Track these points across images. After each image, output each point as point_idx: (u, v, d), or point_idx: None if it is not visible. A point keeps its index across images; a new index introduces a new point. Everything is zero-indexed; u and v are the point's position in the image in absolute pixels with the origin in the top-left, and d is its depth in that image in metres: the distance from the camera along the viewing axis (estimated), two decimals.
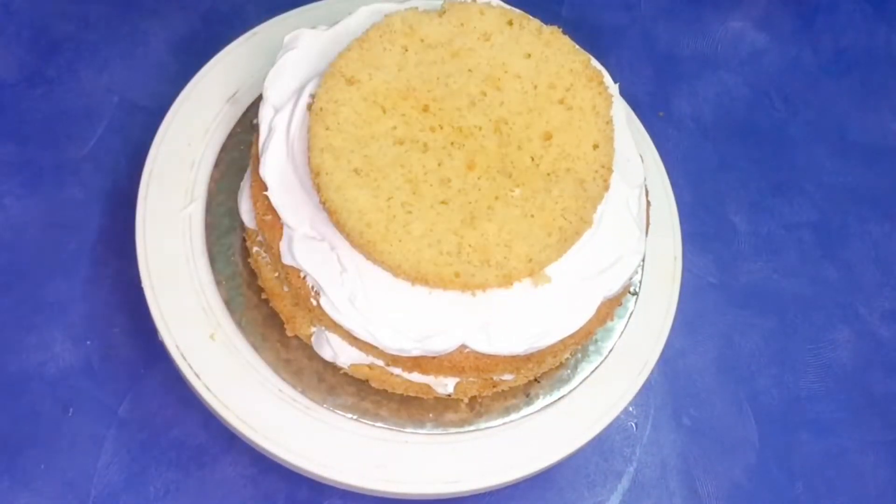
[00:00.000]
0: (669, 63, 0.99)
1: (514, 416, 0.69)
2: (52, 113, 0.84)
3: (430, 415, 0.68)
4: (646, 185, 0.71)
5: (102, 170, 0.82)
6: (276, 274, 0.67)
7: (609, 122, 0.66)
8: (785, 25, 1.04)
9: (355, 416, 0.67)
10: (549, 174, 0.63)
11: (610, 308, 0.68)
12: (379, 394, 0.68)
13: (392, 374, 0.67)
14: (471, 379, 0.67)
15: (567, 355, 0.71)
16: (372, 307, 0.61)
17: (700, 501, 0.79)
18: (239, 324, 0.69)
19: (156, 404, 0.74)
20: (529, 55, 0.67)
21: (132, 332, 0.76)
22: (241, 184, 0.71)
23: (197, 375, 0.66)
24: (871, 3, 1.07)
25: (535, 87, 0.66)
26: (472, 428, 0.68)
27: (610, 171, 0.64)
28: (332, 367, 0.68)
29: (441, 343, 0.61)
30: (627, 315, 0.73)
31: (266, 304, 0.69)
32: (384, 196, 0.60)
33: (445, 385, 0.67)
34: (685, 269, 0.76)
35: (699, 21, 1.03)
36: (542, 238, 0.61)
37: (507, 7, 0.70)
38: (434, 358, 0.63)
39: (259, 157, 0.65)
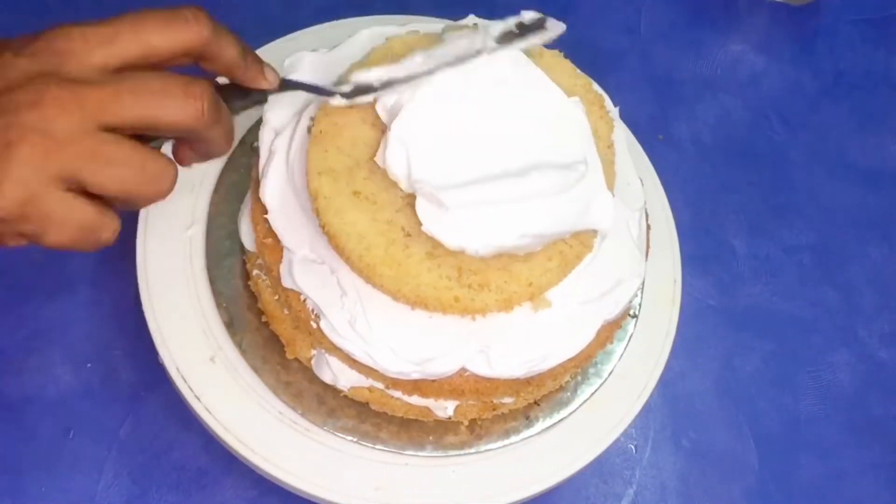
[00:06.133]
0: (669, 86, 1.00)
1: (513, 438, 0.69)
2: None
3: (430, 437, 0.68)
4: (646, 209, 0.72)
5: None
6: (277, 297, 0.67)
7: (610, 146, 0.66)
8: (784, 49, 1.04)
9: (355, 439, 0.67)
10: None
11: (610, 331, 0.68)
12: (379, 416, 0.68)
13: (392, 396, 0.67)
14: (471, 402, 0.67)
15: (567, 378, 0.70)
16: (372, 330, 0.61)
17: None
18: (239, 346, 0.69)
19: (156, 426, 0.74)
20: None
21: (133, 355, 0.76)
22: (242, 207, 0.71)
23: (197, 398, 0.66)
24: (870, 26, 1.07)
25: None
26: (472, 450, 0.68)
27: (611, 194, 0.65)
28: (333, 390, 0.68)
29: (441, 366, 0.61)
30: (627, 338, 0.73)
31: (266, 326, 0.69)
32: (384, 219, 0.60)
33: (445, 408, 0.67)
34: (685, 292, 0.76)
35: (698, 44, 1.03)
36: (543, 262, 0.61)
37: None
38: (434, 381, 0.63)
39: (259, 180, 0.65)
